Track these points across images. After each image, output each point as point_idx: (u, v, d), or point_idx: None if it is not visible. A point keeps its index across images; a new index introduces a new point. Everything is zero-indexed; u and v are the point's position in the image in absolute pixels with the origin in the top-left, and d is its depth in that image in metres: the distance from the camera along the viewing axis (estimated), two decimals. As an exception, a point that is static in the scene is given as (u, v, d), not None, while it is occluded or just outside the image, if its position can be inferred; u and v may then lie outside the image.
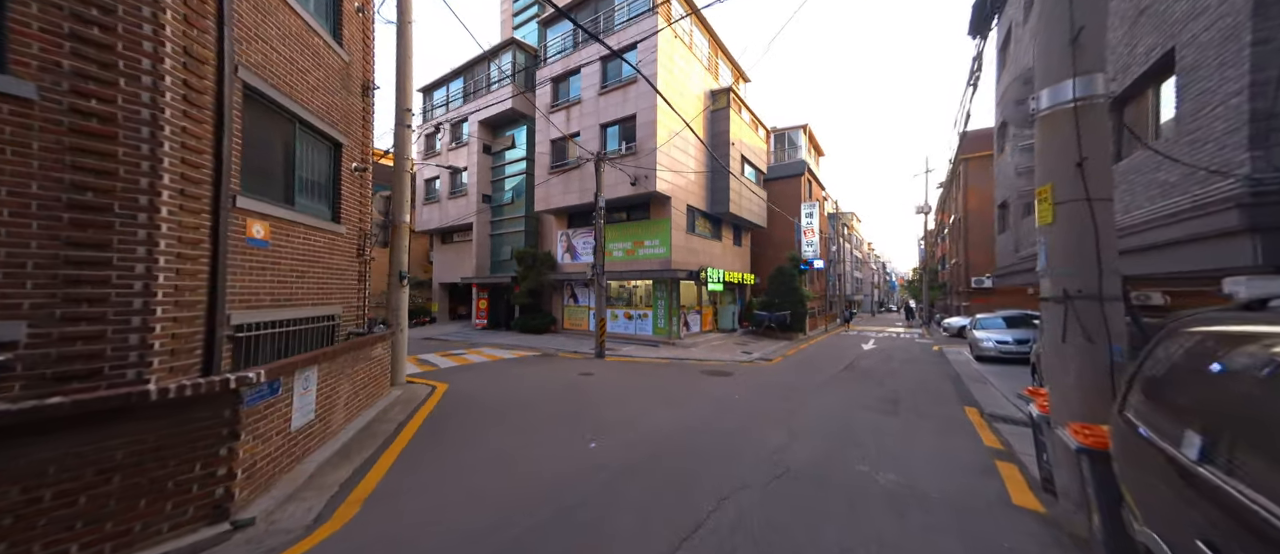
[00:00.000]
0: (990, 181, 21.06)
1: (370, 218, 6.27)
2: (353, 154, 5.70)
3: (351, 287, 5.64)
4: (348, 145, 5.47)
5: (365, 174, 6.01)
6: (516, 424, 5.18)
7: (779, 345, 15.37)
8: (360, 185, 5.92)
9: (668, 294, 14.61)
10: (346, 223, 5.48)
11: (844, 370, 10.10)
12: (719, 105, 17.23)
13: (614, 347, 13.28)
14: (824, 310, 25.78)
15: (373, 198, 7.10)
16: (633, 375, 8.81)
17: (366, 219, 6.08)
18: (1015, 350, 10.97)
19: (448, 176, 20.11)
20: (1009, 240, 12.22)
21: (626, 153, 14.14)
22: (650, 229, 14.87)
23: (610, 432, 4.93)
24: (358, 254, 5.81)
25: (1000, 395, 7.38)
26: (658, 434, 4.85)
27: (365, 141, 6.02)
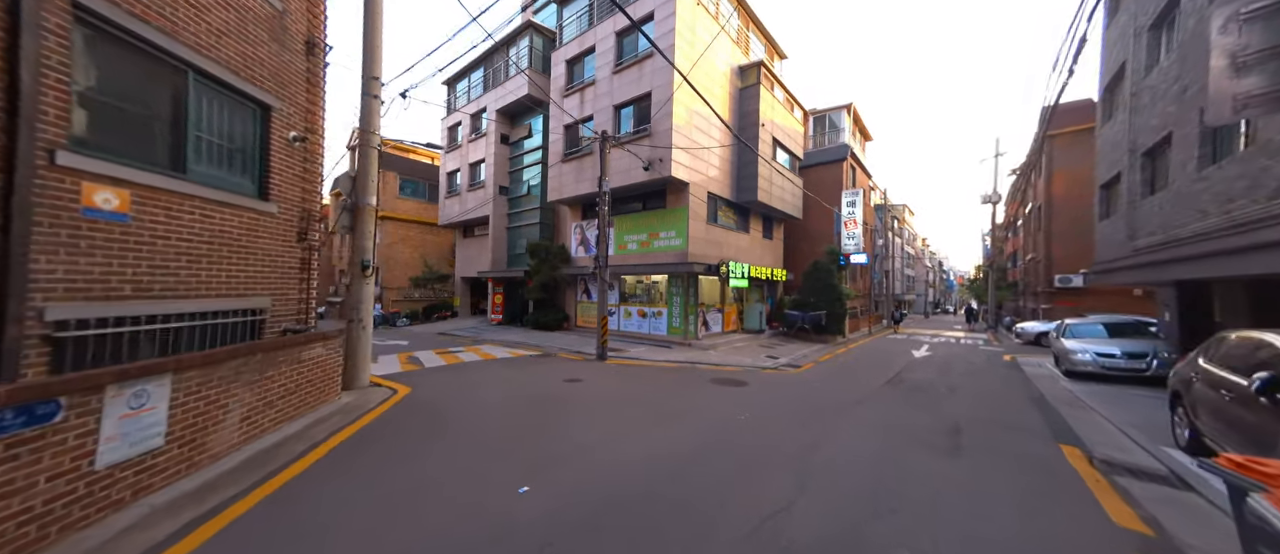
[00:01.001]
0: (1083, 161, 17.53)
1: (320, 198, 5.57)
2: (292, 122, 4.99)
3: (288, 276, 4.94)
4: (281, 110, 4.75)
5: (310, 147, 5.29)
6: (454, 447, 4.21)
7: (811, 350, 13.55)
8: (305, 160, 5.21)
9: (684, 290, 13.27)
10: (280, 201, 4.78)
11: (887, 384, 8.32)
12: (748, 82, 15.52)
13: (622, 347, 12.19)
14: (867, 311, 23.14)
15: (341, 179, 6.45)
16: (629, 383, 7.66)
17: (314, 199, 5.38)
18: (1124, 367, 8.59)
19: (467, 169, 19.94)
20: (1117, 228, 9.68)
21: (639, 135, 12.93)
22: (666, 219, 13.59)
23: (561, 465, 3.82)
24: (300, 238, 5.10)
25: (1113, 428, 5.44)
26: (619, 474, 3.67)
27: (312, 109, 5.31)
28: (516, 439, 4.48)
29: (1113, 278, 10.14)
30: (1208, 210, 6.03)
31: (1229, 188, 5.49)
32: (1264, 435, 3.19)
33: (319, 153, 5.46)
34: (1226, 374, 3.86)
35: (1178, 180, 6.93)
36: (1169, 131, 7.24)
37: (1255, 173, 5.03)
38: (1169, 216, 7.25)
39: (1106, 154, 10.56)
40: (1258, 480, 1.75)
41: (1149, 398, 7.34)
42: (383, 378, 7.36)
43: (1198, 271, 6.23)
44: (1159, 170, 8.10)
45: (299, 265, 5.09)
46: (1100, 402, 7.08)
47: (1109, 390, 7.93)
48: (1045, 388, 8.30)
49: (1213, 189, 5.90)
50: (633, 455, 4.13)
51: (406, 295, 22.83)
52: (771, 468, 3.91)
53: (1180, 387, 4.64)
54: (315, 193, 5.41)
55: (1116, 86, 10.42)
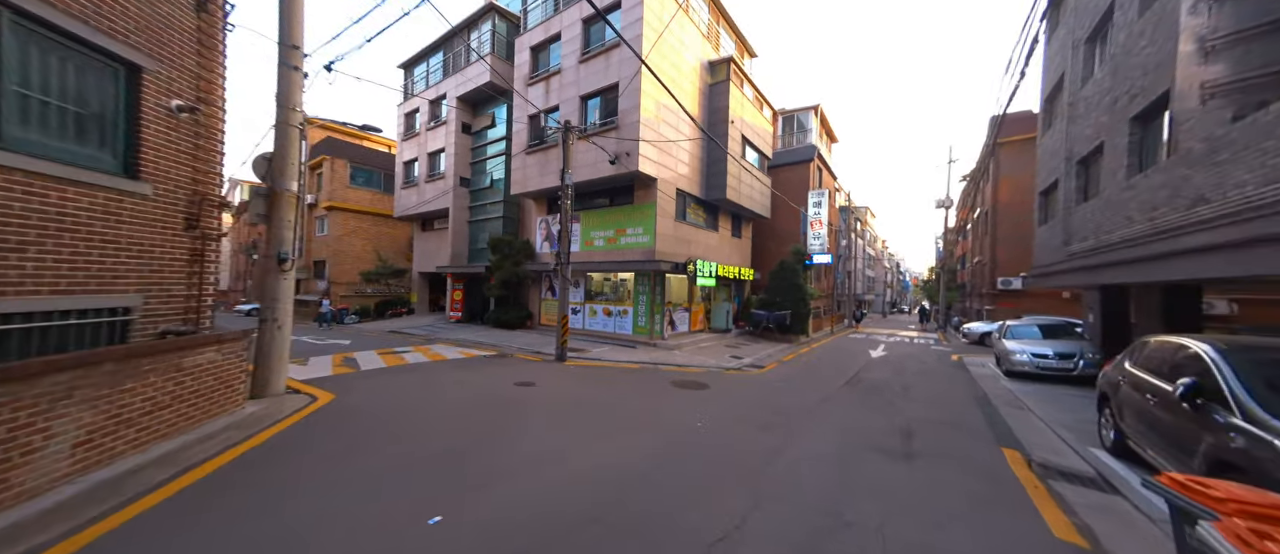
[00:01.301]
0: (1026, 169, 18.75)
1: (219, 180, 4.81)
2: (176, 88, 4.23)
3: (171, 270, 4.21)
4: (159, 73, 4.01)
5: (206, 120, 4.54)
6: (362, 467, 3.69)
7: (776, 349, 13.68)
8: (197, 135, 4.46)
9: (650, 289, 13.02)
10: (158, 182, 4.04)
11: (846, 385, 8.42)
12: (718, 78, 15.40)
13: (584, 347, 11.79)
14: (831, 310, 23.88)
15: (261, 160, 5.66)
16: (585, 386, 7.30)
17: (211, 182, 4.63)
18: (1056, 367, 9.12)
19: (425, 159, 18.77)
20: (1054, 233, 10.27)
21: (606, 127, 12.50)
22: (633, 215, 13.26)
23: (489, 487, 3.42)
24: (189, 226, 4.36)
25: (1048, 430, 5.66)
26: (557, 495, 3.32)
27: (208, 76, 4.55)
28: (445, 454, 4.02)
29: (1049, 281, 10.78)
30: (1134, 217, 6.38)
31: (1154, 196, 5.80)
32: (1186, 440, 3.26)
33: (217, 128, 4.70)
34: (1151, 378, 3.99)
35: (1108, 188, 7.33)
36: (1101, 141, 7.65)
37: (1176, 181, 5.31)
38: (1100, 223, 7.67)
39: (1046, 162, 11.19)
40: (1206, 506, 1.64)
41: (1077, 396, 7.81)
42: (305, 383, 6.61)
43: (1125, 276, 6.59)
44: (1092, 178, 8.59)
45: (188, 258, 4.36)
46: (1036, 401, 7.44)
47: (1043, 390, 8.38)
48: (988, 388, 8.67)
49: (1139, 197, 6.24)
50: (577, 470, 3.78)
51: (358, 291, 21.33)
52: (726, 481, 3.69)
53: (1108, 389, 4.81)
54: (212, 175, 4.66)
55: (1056, 97, 11.04)
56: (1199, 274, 4.93)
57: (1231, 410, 2.94)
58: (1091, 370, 8.91)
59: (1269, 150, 3.96)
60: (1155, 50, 5.94)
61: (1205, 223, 4.75)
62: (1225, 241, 4.49)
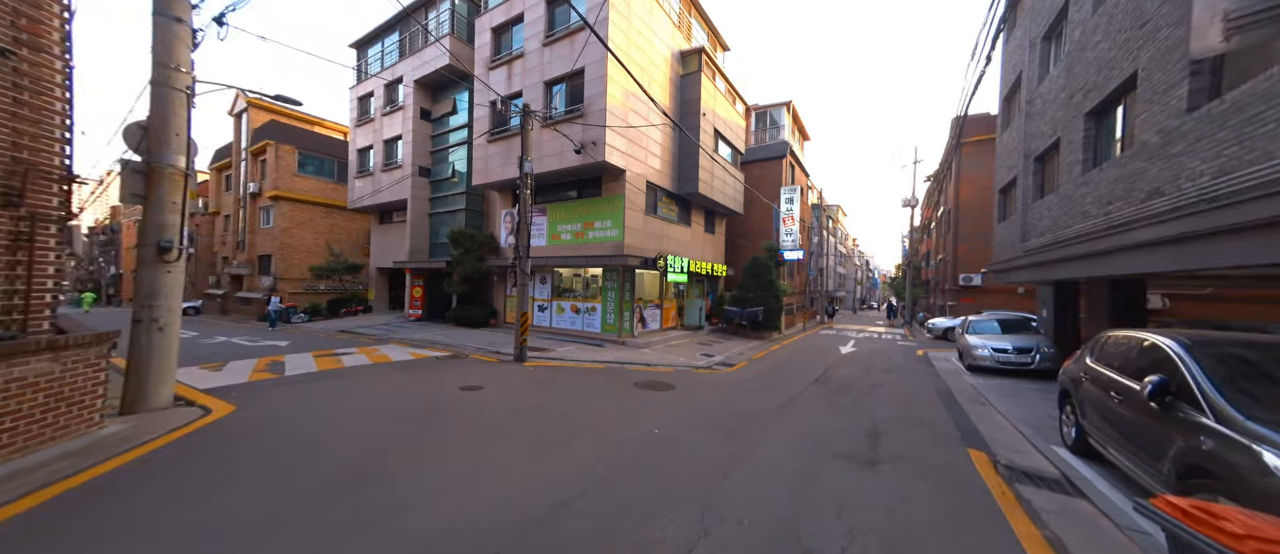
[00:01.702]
0: (986, 169, 19.47)
1: (61, 146, 3.94)
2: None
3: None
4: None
5: (33, 70, 3.67)
6: (220, 512, 2.91)
7: (748, 346, 13.51)
8: (16, 88, 3.58)
9: (619, 285, 12.54)
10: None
11: (815, 383, 8.24)
12: (690, 69, 15.03)
13: (548, 347, 11.19)
14: (803, 307, 24.15)
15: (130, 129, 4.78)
16: (538, 390, 6.75)
17: (45, 149, 3.77)
18: (1014, 361, 9.29)
19: (381, 146, 17.51)
20: (1012, 229, 10.48)
21: (571, 115, 11.89)
22: (601, 208, 12.72)
23: (373, 526, 2.84)
24: (5, 203, 3.50)
25: (1010, 427, 5.58)
26: (455, 532, 2.79)
27: (32, 12, 3.65)
28: (339, 484, 3.39)
29: (1008, 277, 11.03)
30: (1089, 212, 6.41)
31: (1109, 190, 5.81)
32: (1153, 441, 3.08)
33: (52, 80, 3.81)
34: (1115, 376, 3.85)
35: (1065, 184, 7.41)
36: (1057, 137, 7.73)
37: (1131, 175, 5.28)
38: (1057, 218, 7.76)
39: (1004, 160, 11.43)
40: (1220, 543, 1.31)
41: (1035, 390, 7.92)
42: (206, 393, 5.75)
43: (1079, 271, 6.64)
44: (1048, 175, 8.74)
45: (8, 243, 3.50)
46: (997, 396, 7.47)
47: (1004, 384, 8.47)
48: (952, 383, 8.70)
49: (1094, 192, 6.26)
50: (498, 498, 3.25)
51: (310, 288, 19.77)
52: (675, 501, 3.26)
53: (1069, 385, 4.71)
54: (46, 139, 3.78)
55: (1014, 96, 11.27)
56: (1146, 269, 4.92)
57: (1202, 410, 2.75)
58: (1047, 364, 9.13)
59: (1223, 141, 3.87)
60: (1109, 45, 5.94)
61: (1155, 217, 4.71)
62: (1172, 236, 4.44)
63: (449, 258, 14.96)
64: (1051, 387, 8.20)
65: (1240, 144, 3.67)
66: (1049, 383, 8.59)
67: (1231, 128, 3.76)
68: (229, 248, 21.27)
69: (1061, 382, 4.99)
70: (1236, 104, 3.72)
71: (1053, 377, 9.21)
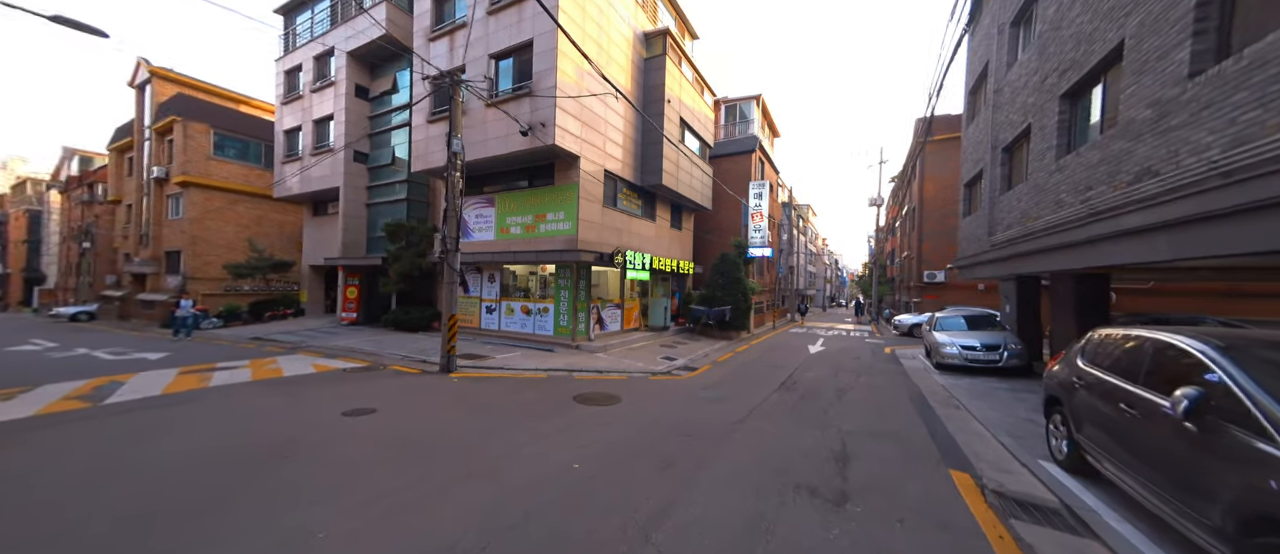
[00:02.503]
0: (949, 167, 19.75)
1: None
2: None
3: None
4: None
5: None
6: None
7: (714, 347, 12.75)
8: None
9: (573, 283, 11.45)
10: None
11: (780, 389, 7.48)
12: (654, 52, 14.11)
13: (487, 354, 9.94)
14: (774, 305, 23.83)
15: None
16: (453, 411, 5.59)
17: None
18: (983, 359, 8.91)
19: (311, 127, 15.58)
20: (979, 223, 10.17)
21: (519, 92, 10.69)
22: (554, 199, 11.58)
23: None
24: None
25: (990, 437, 4.94)
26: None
27: None
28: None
29: (974, 272, 10.76)
30: (1064, 200, 5.92)
31: (1089, 175, 5.30)
32: (1192, 474, 2.36)
33: None
34: (1122, 384, 3.17)
35: (1036, 172, 6.97)
36: (1028, 123, 7.31)
37: (1116, 156, 4.74)
38: (1027, 209, 7.34)
39: (970, 153, 11.19)
40: None
41: (1005, 390, 7.50)
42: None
43: (1054, 264, 6.16)
44: (1017, 165, 8.38)
45: None
46: (969, 397, 6.95)
47: (975, 384, 8.03)
48: (922, 383, 8.19)
49: (1071, 178, 5.77)
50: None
51: (232, 288, 17.45)
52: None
53: (1058, 392, 4.06)
54: None
55: (980, 88, 11.02)
56: (1137, 259, 4.38)
57: (1269, 437, 2.02)
58: (1015, 362, 8.80)
59: (1241, 105, 3.26)
60: (1089, 17, 5.44)
61: (1147, 200, 4.15)
62: (1175, 219, 3.86)
63: (385, 253, 13.36)
64: (1022, 386, 7.82)
65: (1264, 106, 3.06)
66: (1019, 381, 8.23)
67: (1252, 88, 3.16)
68: (132, 242, 18.50)
69: (1048, 387, 4.35)
70: (1259, 59, 3.10)
71: (1022, 374, 8.90)
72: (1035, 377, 8.71)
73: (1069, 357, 4.18)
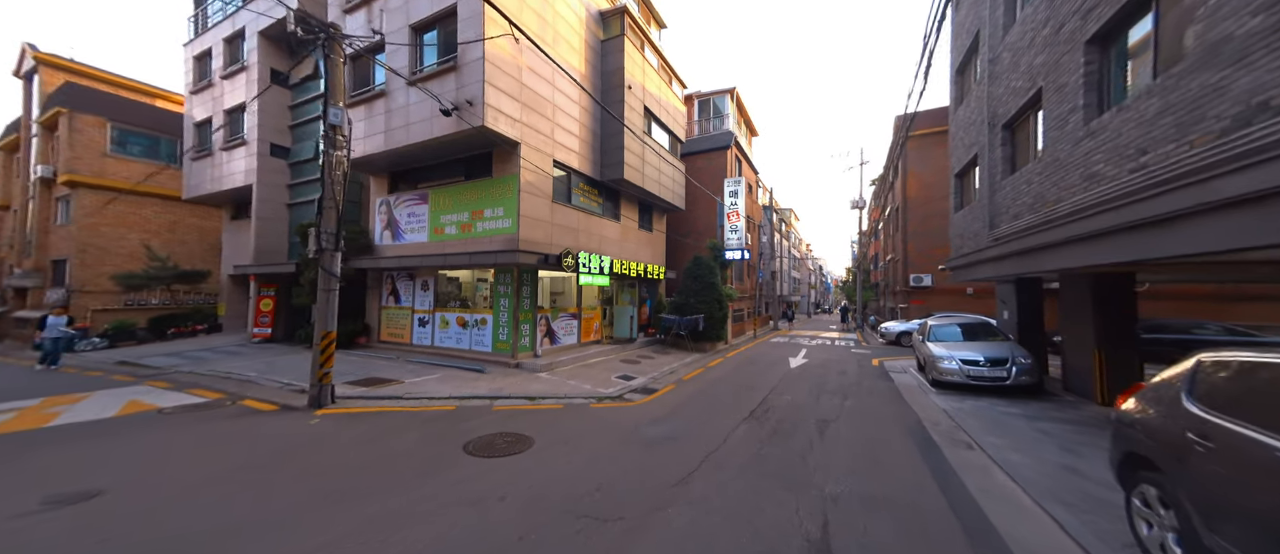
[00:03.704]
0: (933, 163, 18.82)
1: None
2: None
3: None
4: None
5: None
6: None
7: (683, 362, 11.16)
8: None
9: (514, 290, 9.73)
10: None
11: (749, 420, 5.91)
12: (611, 33, 12.70)
13: (395, 378, 8.10)
14: (755, 312, 22.45)
15: None
16: (252, 477, 3.82)
17: None
18: (988, 376, 7.52)
19: (222, 118, 13.60)
20: (974, 217, 8.91)
21: (444, 67, 9.05)
22: (492, 193, 9.91)
23: None
24: None
25: (1031, 505, 3.43)
26: None
27: None
28: None
29: (970, 273, 9.48)
30: (1102, 173, 4.57)
31: (1143, 134, 3.95)
32: None
33: None
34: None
35: (1054, 145, 5.65)
36: (1037, 88, 6.04)
37: (1192, 100, 3.37)
38: (1041, 192, 6.02)
39: (960, 139, 10.00)
40: None
41: (1020, 418, 6.11)
42: None
43: (1085, 257, 4.77)
44: (1021, 143, 7.12)
45: None
46: (982, 430, 5.52)
47: (981, 408, 6.63)
48: (920, 408, 6.74)
49: (1113, 142, 4.42)
50: None
51: (137, 303, 15.08)
52: None
53: (1155, 453, 2.55)
54: None
55: (968, 66, 9.90)
56: (1255, 240, 2.94)
57: None
58: (1026, 378, 7.42)
59: None
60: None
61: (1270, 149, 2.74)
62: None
63: (298, 260, 11.42)
64: (1036, 410, 6.41)
65: None
66: (1030, 404, 6.84)
67: None
68: (17, 253, 15.99)
69: (1128, 439, 2.86)
70: None
71: (1032, 394, 7.54)
72: (1049, 397, 7.35)
73: (1161, 393, 2.71)
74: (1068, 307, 7.78)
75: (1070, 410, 6.50)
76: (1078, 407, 6.75)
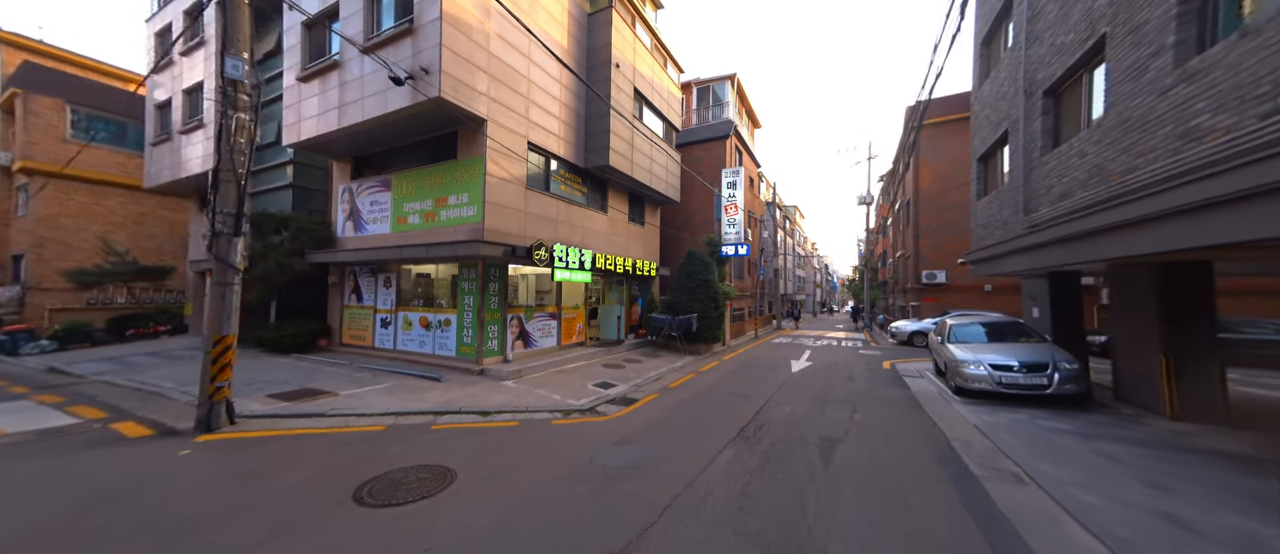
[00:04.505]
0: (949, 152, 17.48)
1: None
2: None
3: None
4: None
5: None
6: None
7: (673, 366, 10.06)
8: None
9: (479, 287, 8.68)
10: None
11: (736, 442, 4.81)
12: (598, 5, 11.62)
13: (334, 388, 7.08)
14: (757, 311, 21.27)
15: None
16: (43, 539, 2.79)
17: None
18: (1024, 383, 6.37)
19: (181, 98, 12.70)
20: (1003, 203, 7.72)
21: (400, 31, 8.01)
22: (457, 177, 8.88)
23: None
24: None
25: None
26: None
27: None
28: None
29: (997, 266, 8.29)
30: (1206, 126, 3.42)
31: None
32: None
33: None
34: None
35: (1125, 101, 4.49)
36: (1100, 35, 4.89)
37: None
38: (1099, 164, 4.85)
39: (986, 117, 8.81)
40: None
41: (1071, 435, 4.98)
42: None
43: (1185, 238, 3.61)
44: (1069, 109, 5.94)
45: None
46: (1027, 451, 4.41)
47: (1018, 422, 5.51)
48: (944, 421, 5.61)
49: (1229, 81, 3.28)
50: None
51: (99, 301, 14.24)
52: None
53: None
54: None
55: (996, 34, 8.71)
56: None
57: None
58: (1072, 387, 6.24)
59: None
60: None
61: None
62: None
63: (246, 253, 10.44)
64: (1090, 427, 5.23)
65: None
66: (1079, 417, 5.68)
67: None
68: None
69: None
70: None
71: (1081, 404, 6.35)
72: (1101, 409, 6.18)
73: None
74: (1122, 302, 6.59)
75: (1133, 427, 5.34)
76: (1140, 421, 5.58)
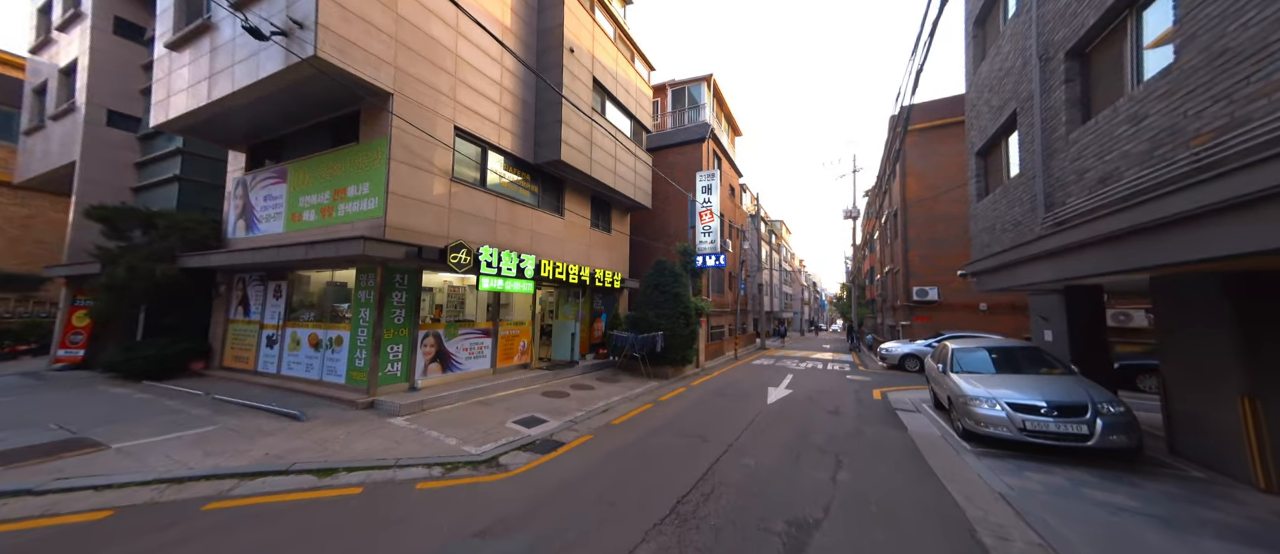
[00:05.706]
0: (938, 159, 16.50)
1: None
2: None
3: None
4: None
5: None
6: None
7: (629, 394, 8.29)
8: None
9: (376, 297, 6.89)
10: None
11: (668, 520, 3.07)
12: (548, -18, 10.34)
13: (115, 440, 5.10)
14: (738, 329, 19.71)
15: None
16: None
17: None
18: (1055, 431, 4.82)
19: (57, 80, 10.84)
20: (1014, 198, 6.37)
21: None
22: (358, 164, 7.21)
23: None
24: None
25: None
26: None
27: None
28: None
29: (1006, 278, 6.91)
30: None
31: None
32: None
33: None
34: None
35: (1223, 21, 3.10)
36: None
37: None
38: (1174, 121, 3.47)
39: (986, 102, 7.60)
40: None
41: (1146, 520, 3.46)
42: None
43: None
44: (1104, 69, 4.63)
45: None
46: (1088, 549, 2.78)
47: (1062, 494, 3.98)
48: (958, 488, 4.02)
49: None
50: None
51: None
52: None
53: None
54: None
55: (991, 11, 7.62)
56: None
57: None
58: (1119, 438, 4.74)
59: None
60: None
61: None
62: None
63: (93, 253, 8.44)
64: (1168, 502, 3.58)
65: None
66: (1142, 483, 4.15)
67: None
68: None
69: None
70: None
71: (1130, 462, 4.79)
72: (1160, 470, 4.67)
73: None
74: (1175, 324, 5.19)
75: (1227, 507, 3.80)
76: (1230, 496, 4.04)
